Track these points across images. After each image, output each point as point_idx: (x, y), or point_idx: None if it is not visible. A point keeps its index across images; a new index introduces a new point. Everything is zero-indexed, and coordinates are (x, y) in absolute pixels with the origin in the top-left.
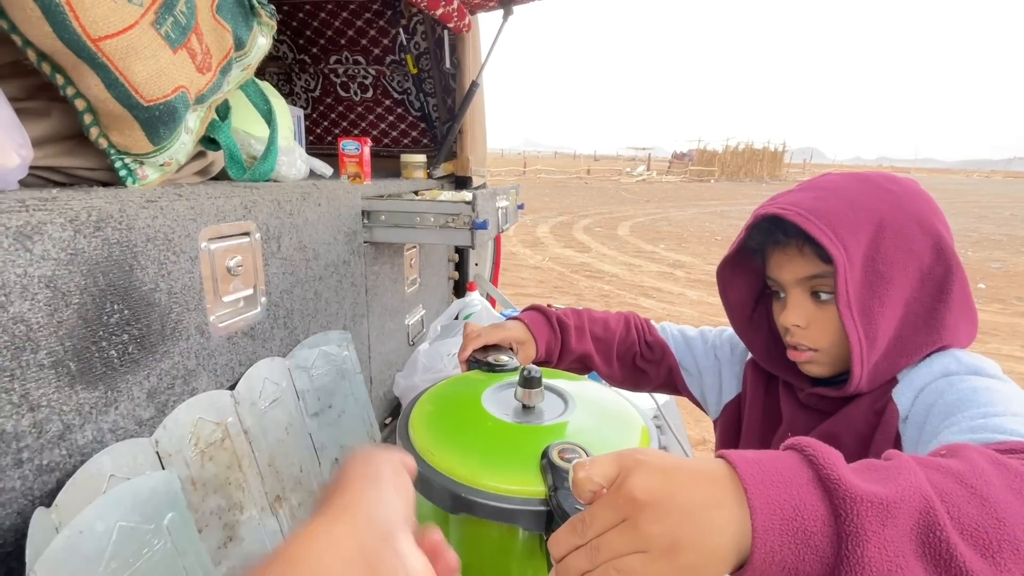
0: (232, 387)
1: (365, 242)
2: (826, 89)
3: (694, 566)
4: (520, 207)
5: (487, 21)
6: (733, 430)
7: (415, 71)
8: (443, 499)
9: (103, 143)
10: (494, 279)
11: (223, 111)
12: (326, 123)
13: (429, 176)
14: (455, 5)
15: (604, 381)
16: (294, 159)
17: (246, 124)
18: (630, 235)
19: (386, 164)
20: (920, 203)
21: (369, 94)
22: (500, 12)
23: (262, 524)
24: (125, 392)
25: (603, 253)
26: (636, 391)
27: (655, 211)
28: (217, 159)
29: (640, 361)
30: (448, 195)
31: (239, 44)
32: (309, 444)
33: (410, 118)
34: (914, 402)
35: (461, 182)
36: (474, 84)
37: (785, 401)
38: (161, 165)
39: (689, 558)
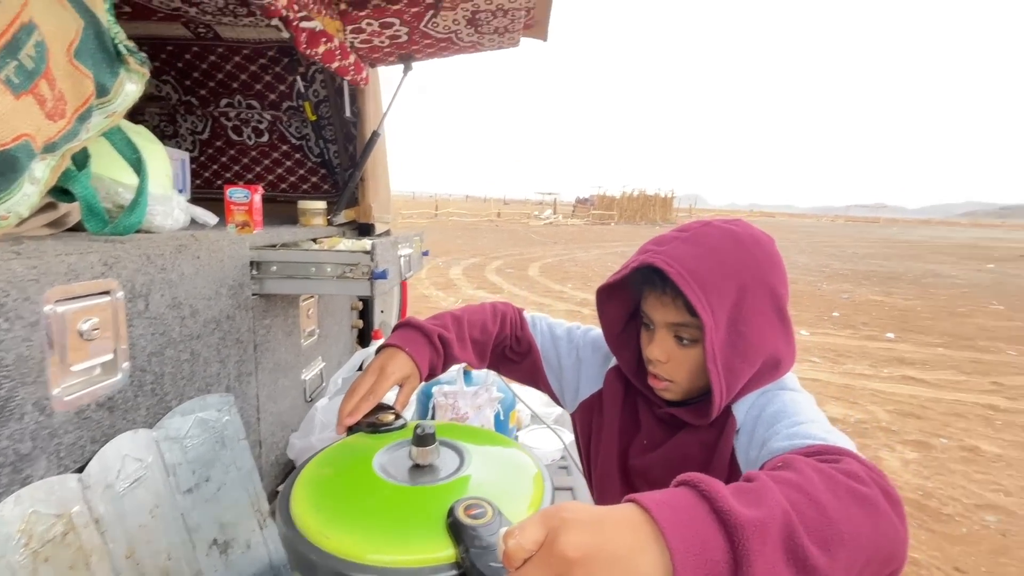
0: (80, 469)
1: (254, 294)
2: (707, 143)
3: None
4: (425, 254)
5: (389, 70)
6: (587, 427)
7: (314, 118)
8: None
9: None
10: None
11: (81, 160)
12: (216, 167)
13: (329, 223)
14: (351, 60)
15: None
16: (171, 208)
17: (114, 171)
18: (540, 276)
19: (284, 210)
20: (773, 267)
21: (264, 139)
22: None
23: None
24: None
25: (515, 293)
26: (496, 372)
27: (562, 252)
28: (74, 210)
29: (509, 353)
30: (347, 243)
31: (102, 91)
32: (181, 526)
33: (309, 164)
34: (745, 415)
35: (364, 229)
36: (375, 134)
37: (643, 412)
38: None
39: None
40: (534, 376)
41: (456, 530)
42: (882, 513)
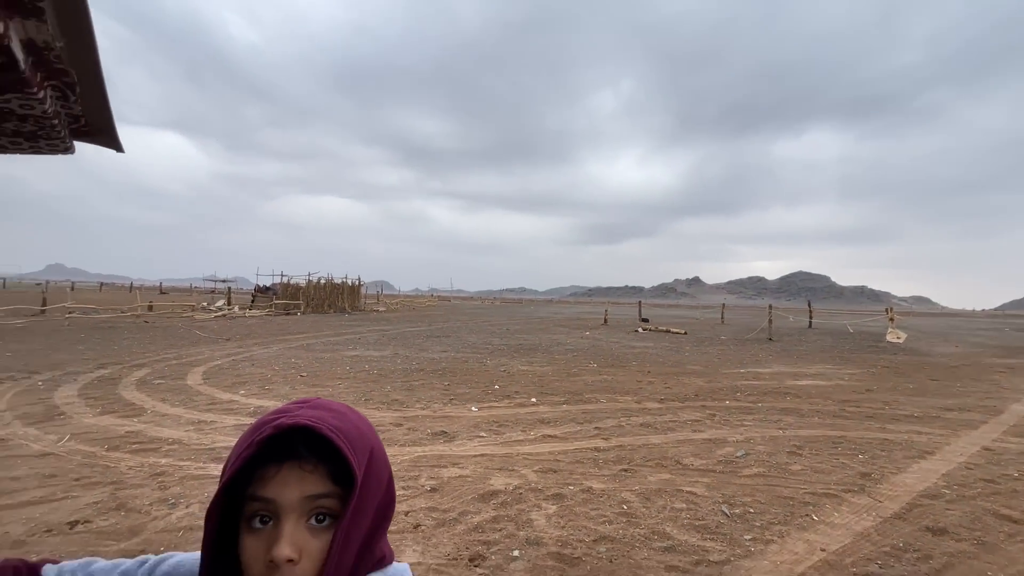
0: None
1: None
2: (384, 234)
3: None
4: None
5: None
6: None
7: None
8: None
9: None
10: None
11: None
12: None
13: None
14: None
15: None
16: None
17: None
18: (203, 383)
19: None
20: (379, 440)
21: None
22: None
23: None
24: None
25: (163, 413)
26: None
27: (236, 350)
28: None
29: None
30: None
31: None
32: None
33: None
34: None
35: None
36: None
37: None
38: None
39: None
40: None
41: None
42: None
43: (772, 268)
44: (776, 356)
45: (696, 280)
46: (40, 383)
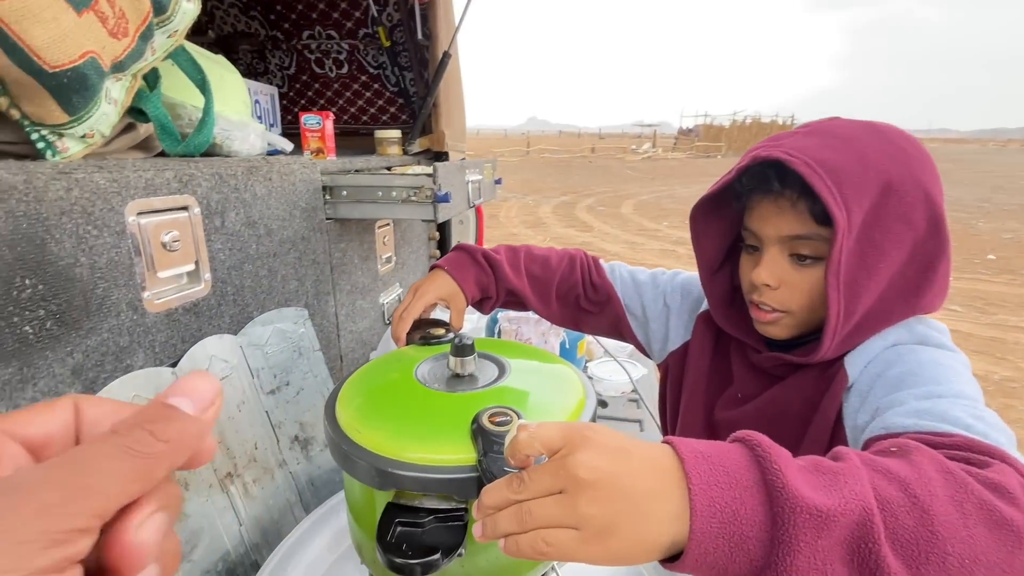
0: (174, 364)
1: (328, 218)
2: (838, 57)
3: (624, 552)
4: (498, 182)
5: None
6: (677, 379)
7: (388, 44)
8: (370, 476)
9: (15, 114)
10: None
11: (152, 80)
12: (303, 101)
13: (405, 152)
14: None
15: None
16: (247, 134)
17: (187, 95)
18: (634, 213)
19: (365, 143)
20: (927, 167)
21: (344, 70)
22: None
23: (210, 500)
24: (44, 369)
25: (606, 232)
26: (578, 331)
27: (660, 189)
28: (154, 133)
29: (584, 302)
30: (416, 169)
31: (159, 8)
32: (265, 421)
33: (387, 94)
34: (862, 371)
35: (439, 158)
36: (446, 55)
37: (736, 361)
38: (82, 137)
39: (621, 544)
40: (617, 327)
41: (478, 436)
42: None
43: None
44: None
45: None
46: (531, 202)
